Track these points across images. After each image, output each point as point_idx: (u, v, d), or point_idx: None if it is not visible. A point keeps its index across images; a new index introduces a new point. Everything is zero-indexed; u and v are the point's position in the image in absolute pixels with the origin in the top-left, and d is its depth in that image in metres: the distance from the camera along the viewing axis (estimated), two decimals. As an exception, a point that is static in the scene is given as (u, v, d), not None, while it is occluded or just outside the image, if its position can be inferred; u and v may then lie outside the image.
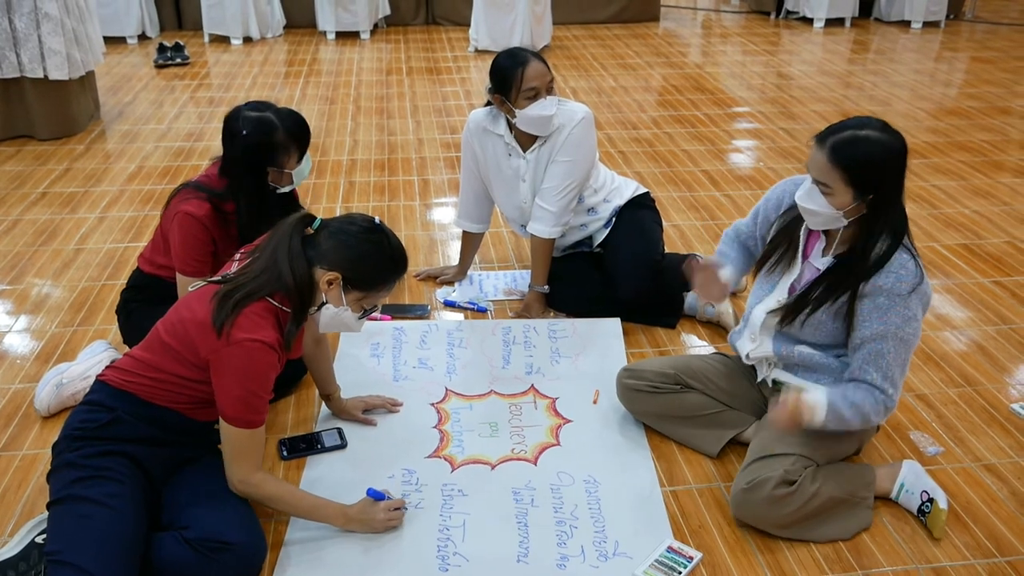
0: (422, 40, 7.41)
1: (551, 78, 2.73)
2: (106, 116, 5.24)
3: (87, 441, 1.86)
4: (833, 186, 1.91)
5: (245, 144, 2.35)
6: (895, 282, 1.93)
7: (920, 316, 1.98)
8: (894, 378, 2.00)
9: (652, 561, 1.97)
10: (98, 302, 3.09)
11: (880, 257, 1.95)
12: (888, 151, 1.89)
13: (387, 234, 1.96)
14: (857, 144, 1.89)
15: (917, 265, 1.96)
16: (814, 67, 6.52)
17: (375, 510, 2.02)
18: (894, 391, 2.01)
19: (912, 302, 1.95)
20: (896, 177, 1.92)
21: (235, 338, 1.80)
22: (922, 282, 1.96)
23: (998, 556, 2.02)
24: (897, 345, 1.97)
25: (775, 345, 2.17)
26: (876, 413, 2.01)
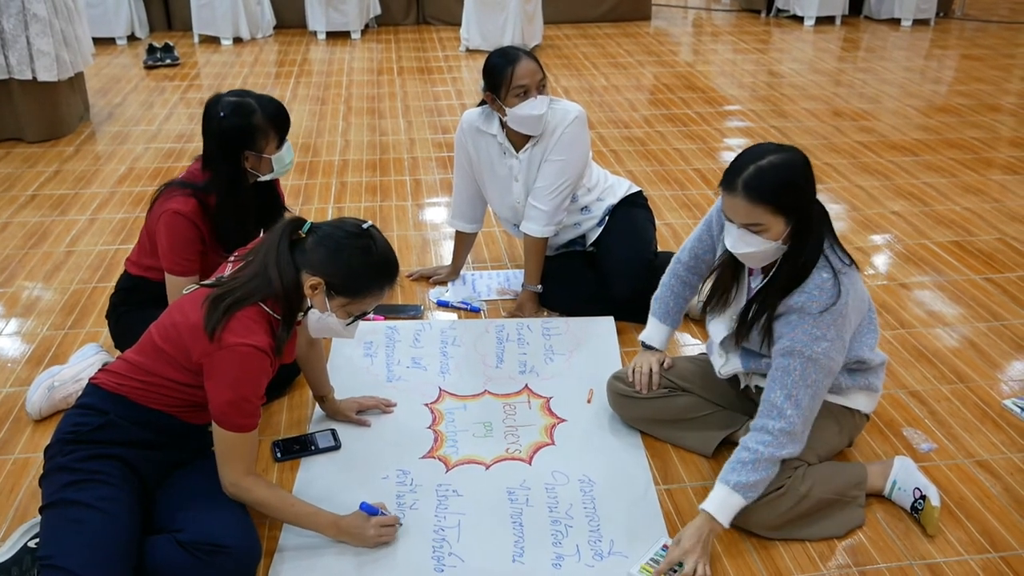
0: (413, 40, 7.40)
1: (542, 77, 2.72)
2: (96, 118, 5.22)
3: (79, 445, 1.85)
4: (764, 222, 1.89)
5: (222, 127, 2.34)
6: (806, 301, 1.91)
7: (832, 336, 1.90)
8: (798, 399, 1.92)
9: (647, 560, 1.97)
10: (89, 304, 3.08)
11: (796, 275, 1.93)
12: (794, 167, 1.89)
13: (374, 239, 1.90)
14: (765, 174, 1.87)
15: (836, 283, 1.90)
16: (805, 65, 6.54)
17: (367, 525, 1.98)
18: (795, 412, 1.92)
19: (823, 321, 1.89)
20: (810, 187, 1.91)
21: (227, 342, 1.79)
22: (837, 302, 1.89)
23: (992, 552, 2.03)
24: (805, 364, 1.91)
25: (743, 362, 2.17)
26: (779, 446, 1.93)
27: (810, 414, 1.96)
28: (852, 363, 2.09)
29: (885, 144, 4.77)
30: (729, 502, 1.94)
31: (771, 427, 1.94)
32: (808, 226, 1.91)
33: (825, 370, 1.93)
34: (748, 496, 1.94)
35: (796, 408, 1.93)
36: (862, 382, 2.13)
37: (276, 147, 2.42)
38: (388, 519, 2.01)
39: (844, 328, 1.94)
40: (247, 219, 2.45)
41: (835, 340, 1.92)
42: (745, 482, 1.93)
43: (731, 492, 1.93)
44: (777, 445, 1.93)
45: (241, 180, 2.40)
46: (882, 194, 4.09)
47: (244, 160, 2.39)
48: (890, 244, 3.59)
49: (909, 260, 3.45)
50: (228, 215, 2.40)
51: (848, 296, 1.92)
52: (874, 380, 2.16)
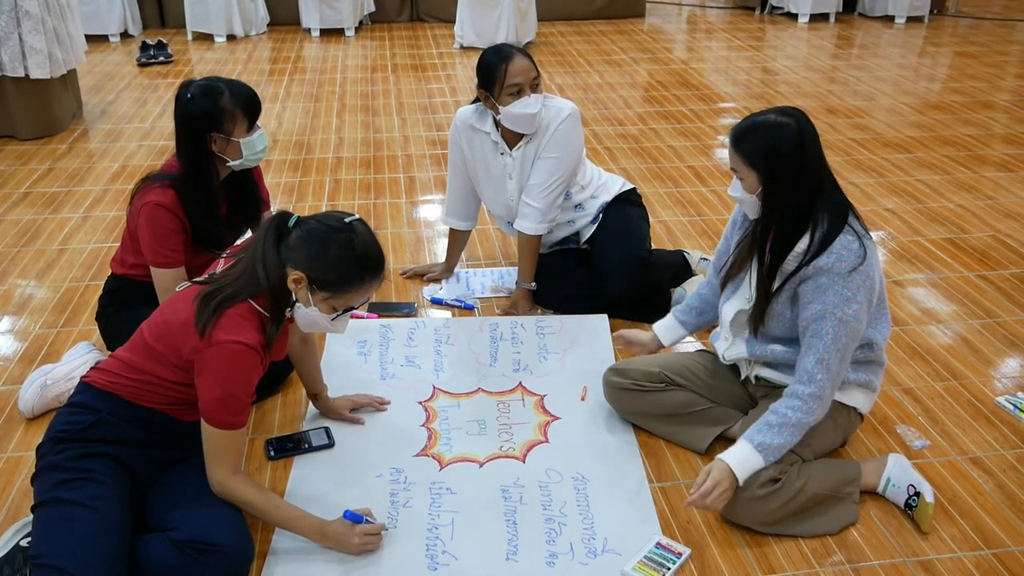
0: (407, 37, 7.39)
1: (536, 75, 2.72)
2: (88, 115, 5.20)
3: (71, 443, 1.84)
4: (740, 171, 2.01)
5: (189, 108, 2.33)
6: (835, 261, 1.94)
7: (861, 299, 1.94)
8: (829, 362, 1.96)
9: (641, 557, 1.97)
10: (82, 303, 3.07)
11: (824, 238, 1.96)
12: (781, 131, 1.94)
13: (356, 233, 1.87)
14: (753, 130, 1.97)
15: (862, 246, 1.95)
16: (799, 62, 6.54)
17: (351, 532, 1.94)
18: (824, 376, 1.97)
19: (852, 281, 1.93)
20: (795, 156, 1.93)
21: (217, 339, 1.78)
22: (863, 263, 1.94)
23: (984, 549, 2.03)
24: (837, 327, 1.95)
25: (748, 346, 2.18)
26: (808, 411, 1.98)
27: (838, 378, 1.99)
28: (861, 347, 2.09)
29: (879, 141, 4.78)
30: (750, 460, 1.98)
31: (801, 392, 1.98)
32: (781, 187, 1.95)
33: (854, 333, 1.97)
34: (768, 458, 1.98)
35: (826, 372, 1.97)
36: (863, 378, 2.14)
37: (245, 131, 2.38)
38: (373, 527, 1.97)
39: (872, 291, 1.98)
40: (215, 206, 2.43)
41: (864, 303, 1.96)
42: (769, 443, 1.97)
43: (754, 451, 1.98)
44: (806, 411, 1.98)
45: (206, 163, 2.38)
46: (876, 191, 4.10)
47: (211, 143, 2.36)
48: (884, 241, 3.60)
49: (903, 257, 3.45)
50: (195, 201, 2.38)
51: (872, 259, 1.96)
52: (873, 379, 2.17)
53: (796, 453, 2.06)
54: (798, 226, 1.98)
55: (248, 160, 2.42)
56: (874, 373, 2.17)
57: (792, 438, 1.99)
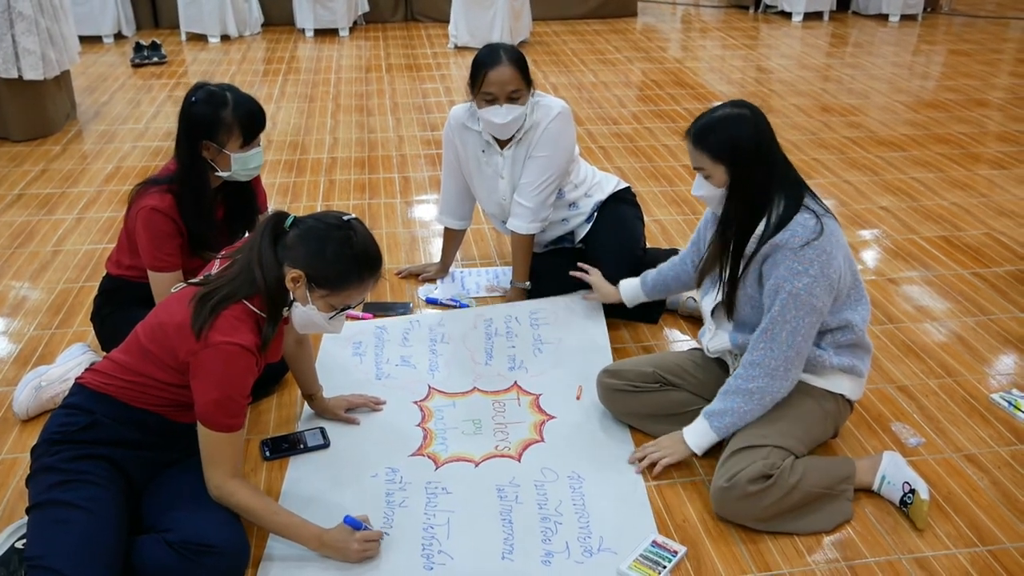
0: (401, 37, 7.38)
1: (514, 88, 2.67)
2: (82, 116, 5.19)
3: (66, 445, 1.84)
4: (706, 167, 2.07)
5: (190, 111, 2.34)
6: (789, 237, 1.99)
7: (814, 272, 1.97)
8: (775, 333, 2.01)
9: (637, 556, 1.97)
10: (76, 304, 3.07)
11: (780, 219, 2.01)
12: (739, 122, 2.03)
13: (355, 230, 1.88)
14: (710, 125, 2.05)
15: (819, 223, 1.99)
16: (793, 61, 6.55)
17: (351, 539, 1.92)
18: (767, 345, 2.02)
19: (804, 255, 1.96)
20: (753, 142, 2.01)
21: (212, 341, 1.78)
22: (818, 238, 1.97)
23: (980, 546, 2.03)
24: (786, 300, 1.98)
25: (731, 337, 2.20)
26: (748, 378, 2.05)
27: (788, 350, 2.02)
28: (838, 328, 2.11)
29: (873, 140, 4.78)
30: (697, 425, 2.15)
31: (744, 360, 2.06)
32: (747, 176, 2.02)
33: (806, 307, 1.98)
34: (713, 424, 2.11)
35: (770, 341, 2.02)
36: (846, 362, 2.14)
37: (240, 146, 2.36)
38: (372, 534, 1.96)
39: (829, 267, 1.98)
40: (208, 210, 2.42)
41: (818, 277, 1.97)
42: (711, 409, 2.11)
43: (702, 417, 2.14)
44: (746, 377, 2.05)
45: (198, 167, 2.37)
46: (870, 189, 4.11)
47: (203, 149, 2.36)
48: (878, 239, 3.60)
49: (897, 255, 3.46)
50: (188, 203, 2.38)
51: (832, 236, 1.99)
52: (859, 364, 2.17)
53: (787, 449, 2.06)
54: (756, 210, 2.04)
55: (238, 174, 2.40)
56: (858, 358, 2.17)
57: (735, 403, 2.06)
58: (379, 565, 1.95)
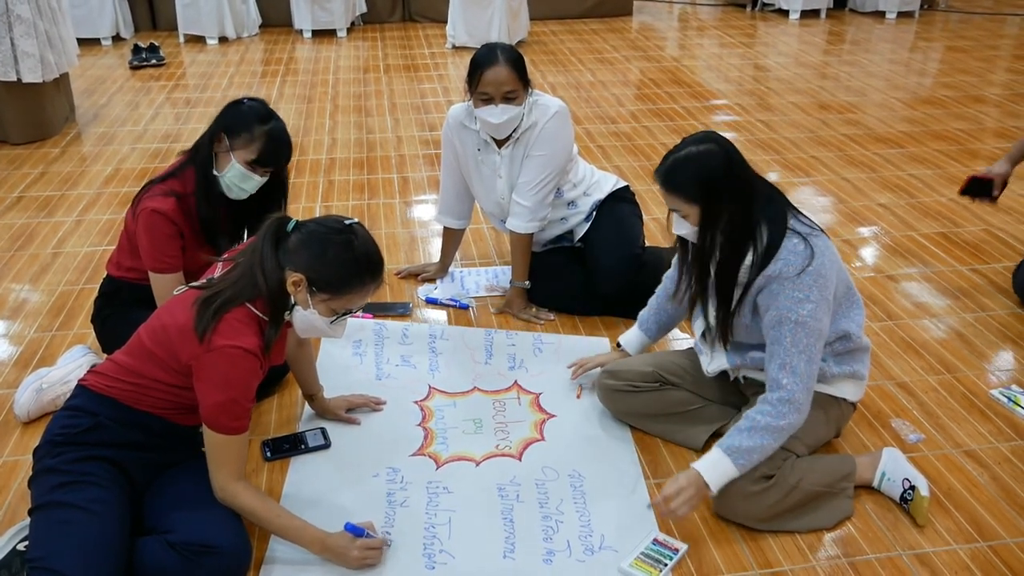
0: (399, 37, 7.38)
1: (510, 88, 2.67)
2: (81, 119, 5.19)
3: (68, 446, 1.84)
4: (682, 209, 2.00)
5: (237, 101, 2.37)
6: (783, 267, 1.95)
7: (815, 297, 1.93)
8: (793, 366, 1.94)
9: (638, 554, 1.97)
10: (77, 306, 3.07)
11: (767, 248, 1.97)
12: (707, 158, 1.96)
13: (356, 235, 1.88)
14: (677, 166, 1.98)
15: (808, 246, 1.95)
16: (790, 58, 6.56)
17: (352, 546, 1.91)
18: (791, 380, 1.94)
19: (803, 282, 1.93)
20: (726, 178, 1.95)
21: (216, 344, 1.78)
22: (812, 263, 1.93)
23: (980, 541, 2.04)
24: (794, 329, 1.93)
25: (728, 358, 2.19)
26: (779, 415, 1.94)
27: (808, 380, 1.96)
28: (836, 339, 2.10)
29: (871, 137, 4.79)
30: (720, 463, 1.95)
31: (770, 398, 1.97)
32: (724, 211, 1.96)
33: (815, 332, 1.95)
34: (739, 462, 1.94)
35: (792, 375, 1.95)
36: (848, 369, 2.14)
37: (247, 161, 2.34)
38: (374, 542, 1.94)
39: (826, 288, 1.95)
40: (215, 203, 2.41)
41: (820, 301, 1.94)
42: (738, 446, 1.94)
43: (723, 455, 1.95)
44: (776, 415, 1.94)
45: (206, 152, 2.37)
46: (868, 187, 4.11)
47: (217, 140, 2.36)
48: (877, 236, 3.61)
49: (896, 252, 3.46)
50: (200, 193, 2.38)
51: (824, 256, 1.96)
52: (859, 367, 2.17)
53: (788, 449, 2.06)
54: (736, 243, 1.99)
55: (227, 181, 2.37)
56: (859, 361, 2.17)
57: (764, 441, 1.94)
58: (381, 565, 1.95)
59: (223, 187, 2.39)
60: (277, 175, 2.45)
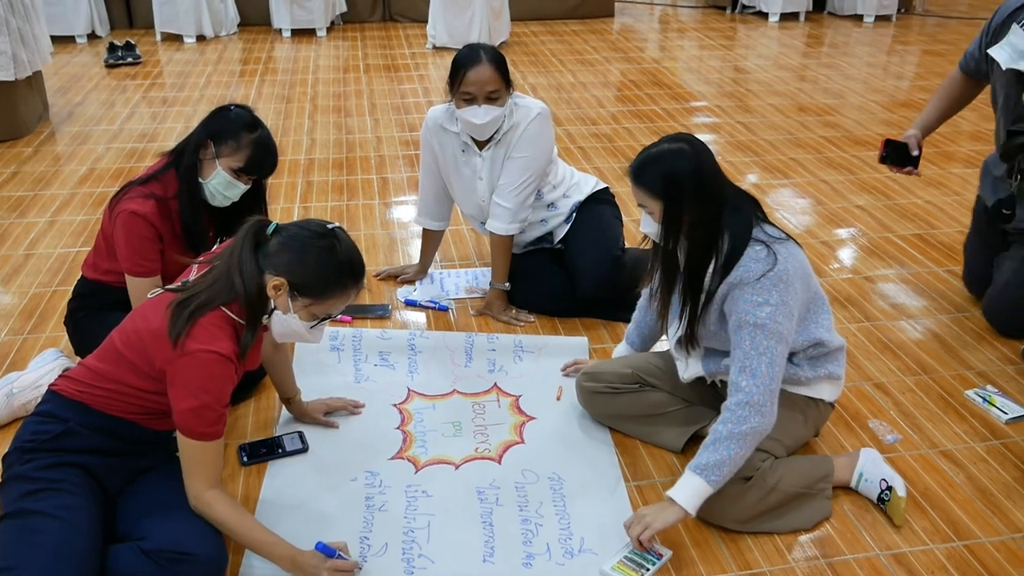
0: (379, 37, 7.35)
1: (493, 88, 2.67)
2: (55, 117, 5.13)
3: (39, 453, 1.81)
4: (647, 205, 2.01)
5: (224, 108, 2.35)
6: (744, 273, 1.94)
7: (775, 301, 1.92)
8: (753, 368, 1.93)
9: (621, 557, 1.97)
10: (49, 309, 3.03)
11: (728, 257, 1.97)
12: (677, 157, 1.97)
13: (339, 239, 1.87)
14: (650, 162, 1.99)
15: (770, 252, 1.94)
16: (770, 61, 6.59)
17: (321, 566, 1.84)
18: (751, 383, 1.92)
19: (762, 286, 1.92)
20: (693, 179, 1.95)
21: (189, 349, 1.76)
22: (773, 268, 1.92)
23: (956, 540, 2.05)
24: (753, 332, 1.93)
25: (704, 365, 2.18)
26: (739, 420, 1.92)
27: (769, 382, 1.93)
28: (810, 346, 2.10)
29: (849, 139, 4.82)
30: (692, 485, 1.94)
31: (730, 404, 1.95)
32: (685, 211, 1.96)
33: (775, 336, 1.93)
34: (711, 479, 1.92)
35: (752, 378, 1.93)
36: (823, 371, 2.14)
37: (232, 169, 2.33)
38: (345, 564, 1.87)
39: (788, 294, 1.94)
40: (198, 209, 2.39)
41: (780, 305, 1.93)
42: (706, 463, 1.92)
43: (693, 475, 1.94)
44: (736, 420, 1.92)
45: (191, 157, 2.35)
46: (846, 188, 4.13)
47: (204, 146, 2.34)
48: (854, 238, 3.63)
49: (873, 253, 3.48)
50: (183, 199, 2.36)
51: (787, 263, 1.95)
52: (835, 367, 2.16)
53: (767, 451, 2.07)
54: (698, 246, 2.00)
55: (211, 188, 2.36)
56: (834, 361, 2.17)
57: (731, 451, 1.92)
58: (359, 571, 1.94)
59: (207, 194, 2.38)
60: (257, 181, 2.43)
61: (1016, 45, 2.59)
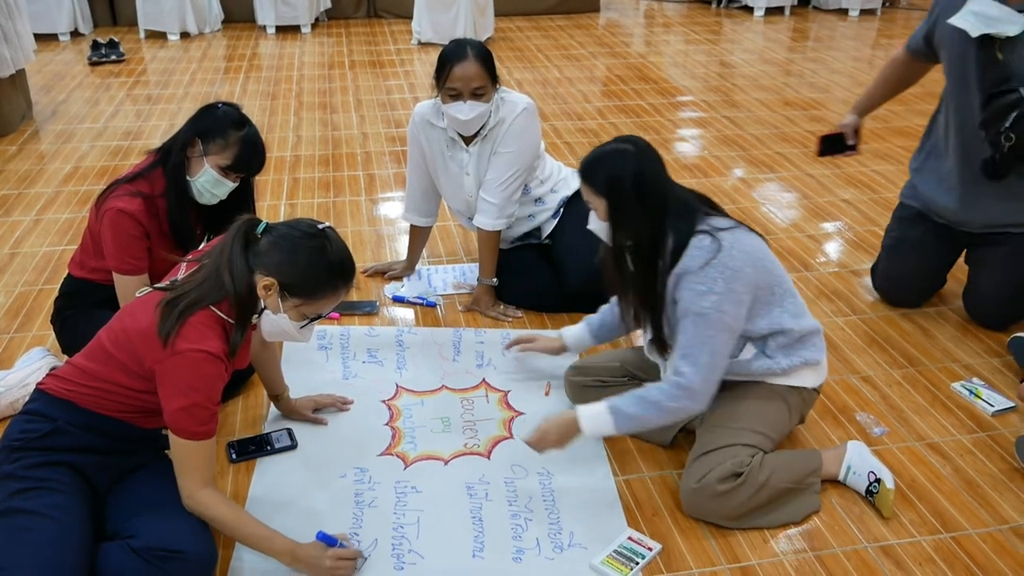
0: (364, 33, 7.33)
1: (478, 85, 2.67)
2: (39, 116, 5.10)
3: (27, 452, 1.80)
4: (592, 201, 2.06)
5: (211, 106, 2.35)
6: (688, 262, 1.96)
7: (719, 289, 1.93)
8: (695, 357, 1.96)
9: (611, 551, 1.98)
10: (35, 307, 3.01)
11: (675, 250, 1.99)
12: (620, 157, 2.00)
13: (329, 240, 1.87)
14: (596, 160, 2.04)
15: (715, 240, 1.95)
16: (755, 55, 6.60)
17: (324, 556, 1.85)
18: (691, 369, 1.96)
19: (706, 274, 1.93)
20: (635, 179, 1.98)
21: (179, 348, 1.75)
22: (716, 256, 1.93)
23: (943, 532, 2.07)
24: (695, 321, 1.95)
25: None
26: (671, 397, 1.98)
27: (709, 371, 1.97)
28: (773, 334, 2.09)
29: (834, 133, 4.83)
30: (600, 416, 2.03)
31: (669, 379, 2.00)
32: (628, 211, 1.99)
33: (718, 324, 1.95)
34: (618, 424, 2.02)
35: (693, 366, 1.96)
36: (798, 359, 2.12)
37: (220, 167, 2.32)
38: (347, 552, 1.89)
39: (734, 280, 1.94)
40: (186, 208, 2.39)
41: (725, 293, 1.93)
42: (622, 408, 2.01)
43: (606, 410, 2.02)
44: (668, 396, 1.98)
45: (178, 155, 2.34)
46: (832, 182, 4.15)
47: (191, 145, 2.33)
48: (841, 232, 3.65)
49: (859, 247, 3.50)
50: (171, 197, 2.35)
51: (733, 249, 1.95)
52: (811, 353, 2.14)
53: (755, 446, 2.07)
54: (651, 248, 2.01)
55: (199, 186, 2.35)
56: (810, 347, 2.15)
57: (647, 414, 2.00)
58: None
59: (195, 192, 2.37)
60: (245, 179, 2.43)
61: (980, 11, 2.56)
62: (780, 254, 3.44)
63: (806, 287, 3.18)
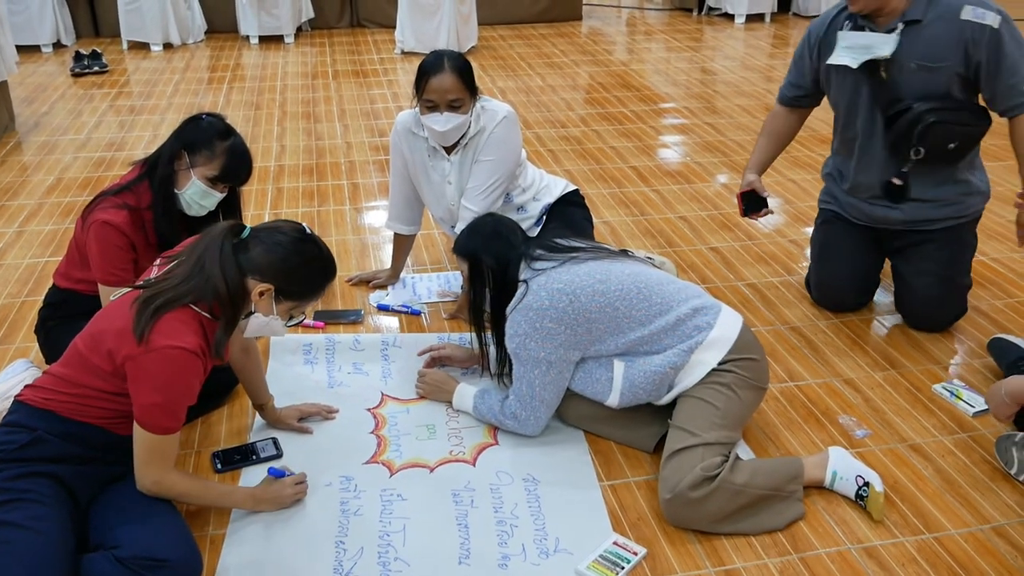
0: (347, 43, 7.34)
1: (455, 97, 2.68)
2: (21, 127, 5.08)
3: (7, 464, 1.79)
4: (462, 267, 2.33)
5: (196, 118, 2.36)
6: (508, 311, 2.23)
7: (523, 331, 2.18)
8: (517, 388, 2.28)
9: (596, 556, 1.98)
10: (19, 319, 2.99)
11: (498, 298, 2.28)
12: (474, 227, 2.34)
13: (317, 243, 1.96)
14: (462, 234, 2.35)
15: (526, 287, 2.19)
16: (736, 62, 6.65)
17: (281, 487, 2.09)
18: (514, 399, 2.30)
19: (514, 320, 2.20)
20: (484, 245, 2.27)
21: (155, 344, 1.76)
22: (522, 302, 2.17)
23: (926, 533, 2.08)
24: (514, 359, 2.26)
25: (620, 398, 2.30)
26: (506, 416, 2.33)
27: (529, 401, 2.27)
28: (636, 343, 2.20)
29: (816, 138, 4.87)
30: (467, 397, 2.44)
31: (505, 403, 2.34)
32: (478, 275, 2.28)
33: (530, 361, 2.22)
34: (476, 410, 2.41)
35: (515, 397, 2.30)
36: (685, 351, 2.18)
37: (208, 178, 2.34)
38: (299, 477, 2.14)
39: (539, 321, 2.16)
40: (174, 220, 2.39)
41: (530, 334, 2.18)
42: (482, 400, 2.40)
43: (473, 397, 2.42)
44: (503, 415, 2.34)
45: (165, 167, 2.35)
46: (814, 187, 4.18)
47: (178, 157, 2.34)
48: (822, 236, 3.66)
49: (841, 251, 3.52)
50: (158, 211, 2.36)
51: (541, 290, 2.16)
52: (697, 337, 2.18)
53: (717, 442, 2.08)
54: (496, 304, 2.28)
55: (187, 198, 2.36)
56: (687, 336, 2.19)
57: (491, 417, 2.37)
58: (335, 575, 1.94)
59: (183, 204, 2.38)
60: (232, 189, 2.43)
61: (852, 43, 2.67)
62: (763, 259, 3.46)
63: (788, 291, 3.21)
